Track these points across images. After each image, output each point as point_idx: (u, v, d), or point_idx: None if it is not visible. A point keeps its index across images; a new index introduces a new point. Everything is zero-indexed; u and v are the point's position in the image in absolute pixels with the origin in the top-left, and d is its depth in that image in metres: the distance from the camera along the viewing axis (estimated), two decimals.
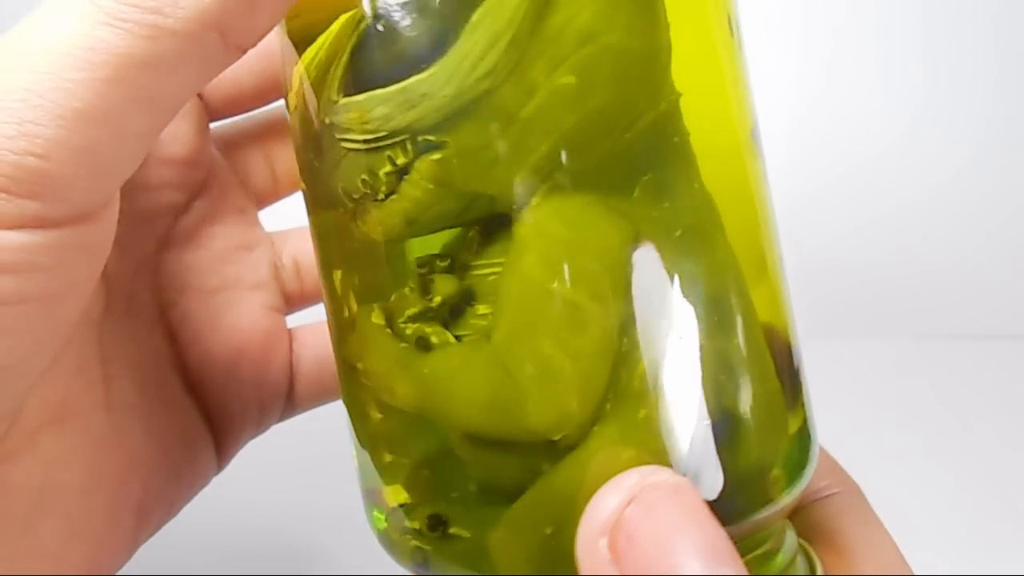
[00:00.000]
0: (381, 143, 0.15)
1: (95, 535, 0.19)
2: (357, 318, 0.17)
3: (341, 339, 0.18)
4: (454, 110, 0.15)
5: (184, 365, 0.22)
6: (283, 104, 0.19)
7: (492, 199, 0.15)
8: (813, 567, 0.17)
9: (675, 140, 0.16)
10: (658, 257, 0.15)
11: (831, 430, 0.23)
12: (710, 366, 0.15)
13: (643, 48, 0.16)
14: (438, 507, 0.17)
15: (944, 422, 0.42)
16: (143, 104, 0.15)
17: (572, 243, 0.15)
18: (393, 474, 0.17)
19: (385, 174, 0.16)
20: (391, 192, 0.16)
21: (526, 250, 0.15)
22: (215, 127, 0.24)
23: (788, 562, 0.17)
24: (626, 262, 0.15)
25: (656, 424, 0.15)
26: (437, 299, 0.16)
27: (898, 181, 0.52)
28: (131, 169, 0.16)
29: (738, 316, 0.16)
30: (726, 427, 0.15)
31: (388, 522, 0.18)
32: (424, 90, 0.15)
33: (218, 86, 0.23)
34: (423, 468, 0.17)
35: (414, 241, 0.16)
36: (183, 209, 0.23)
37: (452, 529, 0.16)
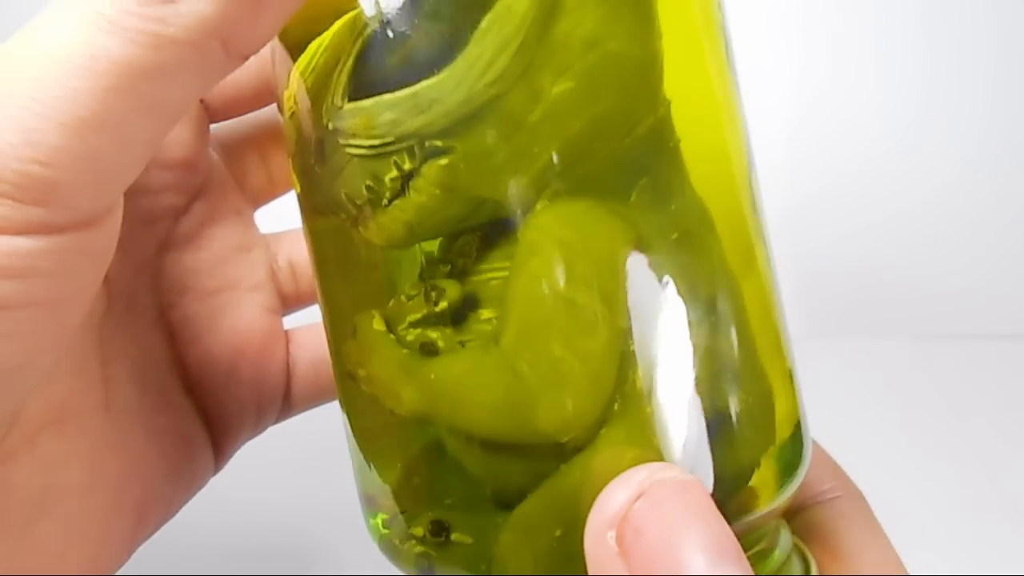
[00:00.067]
0: (387, 148, 0.15)
1: (94, 535, 0.19)
2: (357, 324, 0.17)
3: (339, 345, 0.18)
4: (463, 115, 0.15)
5: (183, 366, 0.22)
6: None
7: (497, 204, 0.15)
8: (808, 566, 0.18)
9: (670, 145, 0.16)
10: (658, 260, 0.15)
11: (832, 430, 0.23)
12: (709, 367, 0.16)
13: (643, 55, 0.16)
14: (440, 513, 0.16)
15: (944, 422, 0.42)
16: (146, 111, 0.15)
17: (579, 246, 0.15)
18: (393, 480, 0.17)
19: (390, 179, 0.15)
20: (395, 197, 0.16)
21: (533, 254, 0.15)
22: (211, 128, 0.23)
23: (783, 561, 0.17)
24: (628, 265, 0.15)
25: (660, 425, 0.15)
26: (443, 304, 0.16)
27: (899, 182, 0.52)
28: (134, 175, 0.16)
29: (733, 317, 0.16)
30: (723, 428, 0.16)
31: (388, 528, 0.18)
32: (433, 95, 0.15)
33: (218, 89, 0.23)
34: (424, 473, 0.17)
35: (415, 246, 0.16)
36: (183, 211, 0.23)
37: (455, 535, 0.16)
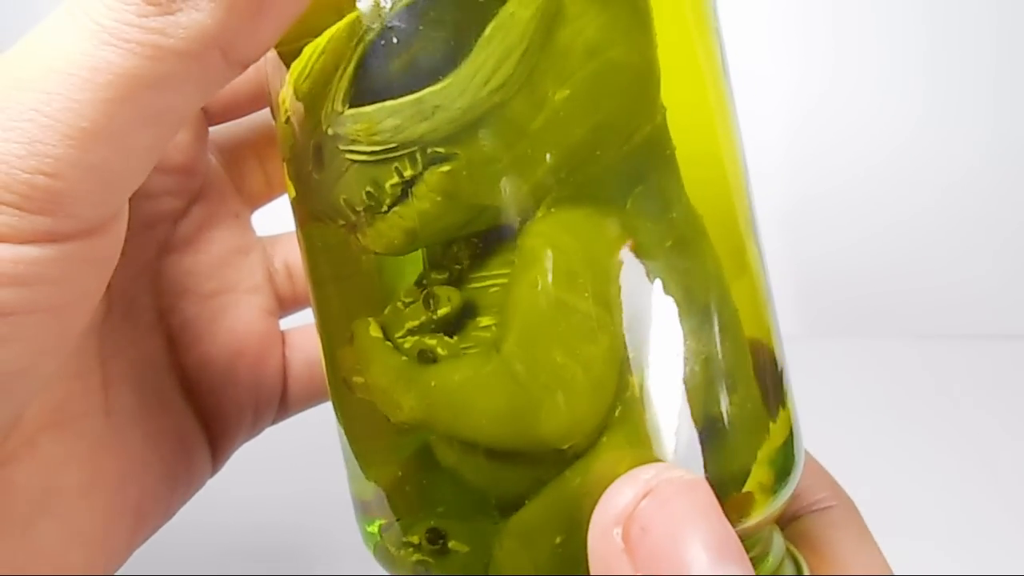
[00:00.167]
0: (389, 155, 0.15)
1: (93, 537, 0.19)
2: (354, 331, 0.17)
3: (334, 352, 0.18)
4: (466, 122, 0.15)
5: (181, 368, 0.22)
6: None
7: (497, 211, 0.15)
8: (800, 568, 0.18)
9: (666, 153, 0.16)
10: (654, 267, 0.15)
11: (832, 430, 0.23)
12: (708, 373, 0.16)
13: (642, 63, 0.16)
14: (436, 520, 0.16)
15: (944, 421, 0.42)
16: (148, 121, 0.15)
17: (580, 253, 0.15)
18: (389, 487, 0.17)
19: (391, 186, 0.15)
20: (395, 204, 0.16)
21: (534, 260, 0.15)
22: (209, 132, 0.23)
23: (777, 564, 0.17)
24: (626, 272, 0.15)
25: (661, 430, 0.15)
26: (442, 311, 0.16)
27: (899, 184, 0.52)
28: (138, 182, 0.16)
29: (728, 323, 0.16)
30: (720, 433, 0.16)
31: (383, 536, 0.17)
32: (437, 102, 0.15)
33: (217, 94, 0.23)
34: (420, 481, 0.17)
35: (413, 254, 0.16)
36: (181, 215, 0.23)
37: (451, 543, 0.16)
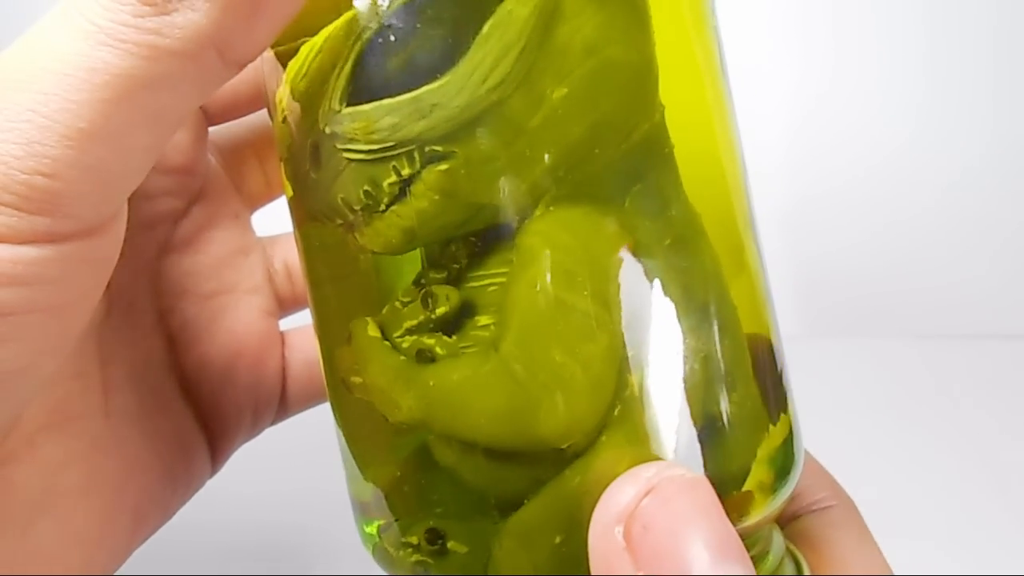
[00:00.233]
0: (387, 153, 0.15)
1: (92, 537, 0.19)
2: (352, 331, 0.17)
3: (332, 352, 0.18)
4: (464, 121, 0.15)
5: (181, 369, 0.22)
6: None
7: (496, 210, 0.15)
8: (800, 567, 0.18)
9: (665, 151, 0.16)
10: (653, 265, 0.15)
11: (832, 430, 0.23)
12: (707, 372, 0.16)
13: (640, 61, 0.16)
14: (435, 521, 0.16)
15: (944, 421, 0.42)
16: (145, 121, 0.15)
17: (579, 252, 0.15)
18: (387, 488, 0.17)
19: (388, 185, 0.15)
20: (393, 203, 0.16)
21: (533, 260, 0.15)
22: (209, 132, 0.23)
23: (778, 563, 0.17)
24: (625, 270, 0.15)
25: (661, 429, 0.15)
26: (441, 310, 0.16)
27: (899, 184, 0.52)
28: (137, 182, 0.16)
29: (726, 322, 0.16)
30: (720, 432, 0.16)
31: (382, 536, 0.17)
32: (435, 100, 0.15)
33: (216, 94, 0.23)
34: (419, 481, 0.17)
35: (410, 253, 0.16)
36: (181, 215, 0.23)
37: (450, 543, 0.16)
